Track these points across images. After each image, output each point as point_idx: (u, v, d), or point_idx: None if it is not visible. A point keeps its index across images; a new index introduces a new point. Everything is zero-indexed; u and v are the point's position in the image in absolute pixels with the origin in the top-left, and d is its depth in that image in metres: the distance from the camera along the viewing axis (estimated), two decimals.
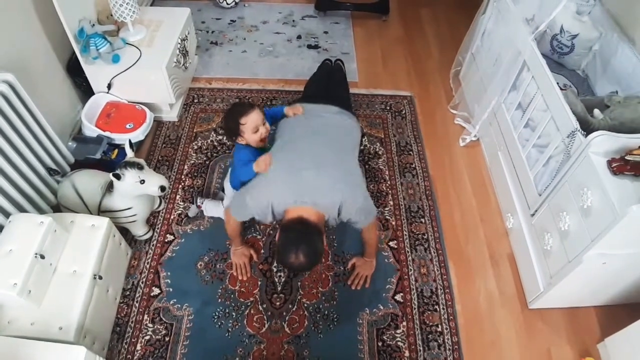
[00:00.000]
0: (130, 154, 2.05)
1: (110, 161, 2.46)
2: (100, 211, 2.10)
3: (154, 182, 2.01)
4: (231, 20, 3.71)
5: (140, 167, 1.98)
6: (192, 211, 2.40)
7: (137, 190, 2.01)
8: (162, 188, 2.02)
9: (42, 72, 2.42)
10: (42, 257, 1.71)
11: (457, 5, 4.02)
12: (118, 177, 1.93)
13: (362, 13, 3.81)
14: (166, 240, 2.31)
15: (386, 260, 2.27)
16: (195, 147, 2.73)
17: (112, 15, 2.56)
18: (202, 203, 2.38)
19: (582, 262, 1.75)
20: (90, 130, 2.53)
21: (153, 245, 2.29)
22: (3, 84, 1.90)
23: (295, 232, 1.74)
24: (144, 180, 1.98)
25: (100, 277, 1.88)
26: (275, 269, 2.22)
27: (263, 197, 1.84)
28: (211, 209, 2.37)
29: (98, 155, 2.45)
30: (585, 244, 1.74)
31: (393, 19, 3.87)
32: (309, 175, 1.81)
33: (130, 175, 1.95)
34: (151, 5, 3.57)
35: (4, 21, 2.12)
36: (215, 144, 2.75)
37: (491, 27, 2.74)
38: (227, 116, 2.06)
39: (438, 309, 2.13)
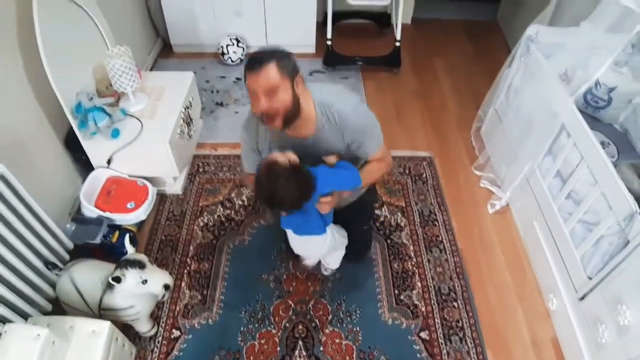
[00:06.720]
0: (130, 250, 1.84)
1: (111, 245, 2.26)
2: (102, 309, 1.89)
3: (157, 280, 1.79)
4: (237, 78, 3.55)
5: (142, 266, 1.76)
6: None
7: (139, 290, 1.79)
8: (167, 287, 1.81)
9: (38, 148, 2.25)
10: None
11: (473, 54, 3.86)
12: (118, 280, 1.72)
13: (373, 67, 3.65)
14: (172, 337, 2.07)
15: (418, 355, 2.01)
16: (201, 223, 2.52)
17: (111, 85, 2.41)
18: None
19: None
20: (90, 211, 2.34)
21: (158, 342, 2.05)
22: None
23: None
24: (146, 280, 1.76)
25: None
26: None
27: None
28: None
29: (98, 240, 2.24)
30: None
31: (406, 70, 3.70)
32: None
33: (131, 276, 1.74)
34: (151, 69, 3.43)
35: None
36: (223, 219, 2.54)
37: (518, 83, 2.54)
38: None
39: None
